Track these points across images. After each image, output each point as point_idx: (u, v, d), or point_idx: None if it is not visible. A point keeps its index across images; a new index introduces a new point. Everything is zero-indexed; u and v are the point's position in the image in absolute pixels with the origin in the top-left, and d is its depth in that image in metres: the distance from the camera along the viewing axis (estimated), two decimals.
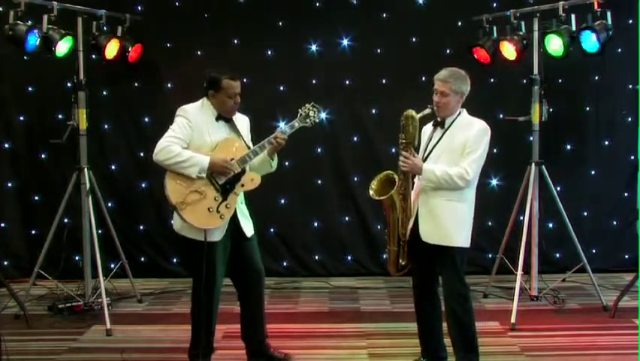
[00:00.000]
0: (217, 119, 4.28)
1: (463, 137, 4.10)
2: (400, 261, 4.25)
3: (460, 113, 4.18)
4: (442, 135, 4.17)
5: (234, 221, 4.28)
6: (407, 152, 4.13)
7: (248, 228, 4.37)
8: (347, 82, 6.90)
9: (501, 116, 6.41)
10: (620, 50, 6.70)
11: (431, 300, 4.32)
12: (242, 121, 4.43)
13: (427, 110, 4.15)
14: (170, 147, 4.11)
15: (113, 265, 6.25)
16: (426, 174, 4.07)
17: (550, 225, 6.67)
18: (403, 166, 4.14)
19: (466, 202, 4.16)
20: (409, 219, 4.20)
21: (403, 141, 4.16)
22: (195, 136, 4.20)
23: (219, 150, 4.22)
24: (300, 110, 4.38)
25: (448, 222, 4.10)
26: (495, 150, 6.69)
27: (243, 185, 4.26)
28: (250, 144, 4.37)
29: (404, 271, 4.30)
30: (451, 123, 4.16)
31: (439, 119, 4.20)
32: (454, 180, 4.03)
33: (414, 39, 6.86)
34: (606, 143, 6.97)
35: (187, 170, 4.11)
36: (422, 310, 4.35)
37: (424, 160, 4.16)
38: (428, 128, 4.29)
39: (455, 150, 4.10)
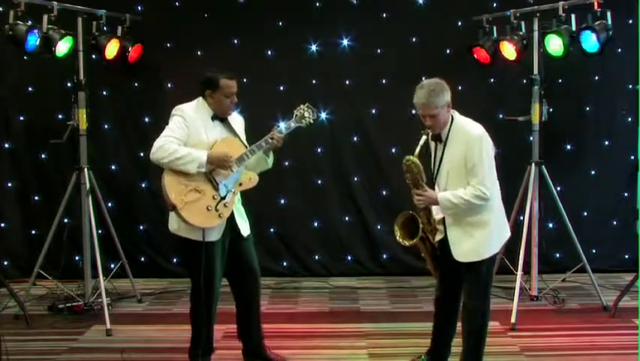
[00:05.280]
0: (213, 118, 4.28)
1: (461, 151, 4.03)
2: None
3: (452, 120, 4.10)
4: (444, 150, 4.11)
5: (231, 221, 4.29)
6: (418, 189, 4.09)
7: (244, 227, 4.38)
8: (347, 82, 6.89)
9: (501, 116, 6.41)
10: (620, 50, 6.68)
11: (452, 312, 4.32)
12: (237, 121, 4.43)
13: (423, 138, 4.06)
14: (167, 145, 4.11)
15: (113, 265, 6.25)
16: (443, 204, 4.03)
17: (550, 225, 6.65)
18: (418, 204, 4.11)
19: (493, 210, 4.11)
20: (435, 234, 4.20)
21: (410, 182, 4.12)
22: (192, 134, 4.20)
23: (217, 148, 4.21)
24: (295, 111, 4.38)
25: (480, 238, 4.07)
26: (495, 150, 6.69)
27: (241, 184, 4.27)
28: (246, 144, 4.37)
29: None
30: (448, 134, 4.09)
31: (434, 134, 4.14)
32: (472, 202, 3.98)
33: (414, 39, 6.86)
34: (606, 143, 6.95)
35: (185, 166, 4.10)
36: (440, 319, 4.36)
37: (435, 179, 4.14)
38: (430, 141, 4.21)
39: (459, 166, 4.04)
